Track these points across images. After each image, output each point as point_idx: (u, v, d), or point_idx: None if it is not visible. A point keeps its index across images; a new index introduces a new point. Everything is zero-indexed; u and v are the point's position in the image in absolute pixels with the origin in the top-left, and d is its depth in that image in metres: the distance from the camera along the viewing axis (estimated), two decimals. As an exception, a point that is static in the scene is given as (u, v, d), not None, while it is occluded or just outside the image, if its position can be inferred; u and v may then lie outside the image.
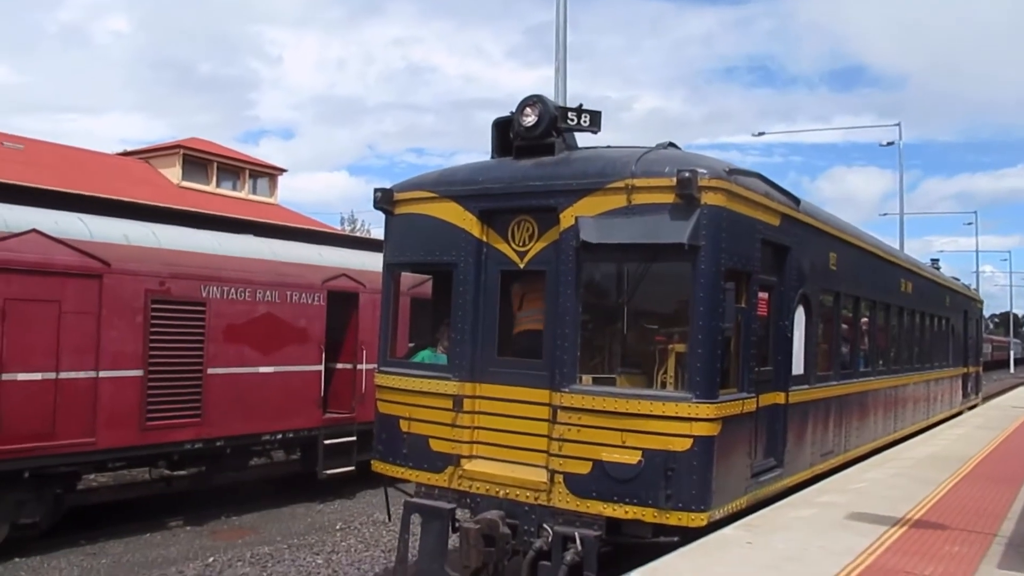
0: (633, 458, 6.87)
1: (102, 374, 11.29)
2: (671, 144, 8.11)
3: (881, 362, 13.24)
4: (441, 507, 7.93)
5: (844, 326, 11.45)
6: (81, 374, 11.09)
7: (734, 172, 7.34)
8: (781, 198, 8.40)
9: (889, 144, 38.20)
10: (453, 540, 8.01)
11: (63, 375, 10.87)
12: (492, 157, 8.47)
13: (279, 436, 13.96)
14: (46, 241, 10.87)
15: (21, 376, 10.45)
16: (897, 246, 29.78)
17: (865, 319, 12.46)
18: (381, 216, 8.89)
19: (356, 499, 15.28)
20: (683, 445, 6.77)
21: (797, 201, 8.87)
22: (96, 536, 12.11)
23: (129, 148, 33.93)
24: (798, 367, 9.05)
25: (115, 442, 11.51)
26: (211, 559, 11.07)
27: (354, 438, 14.79)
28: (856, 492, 9.19)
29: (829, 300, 10.46)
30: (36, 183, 17.79)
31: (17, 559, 10.92)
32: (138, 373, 11.74)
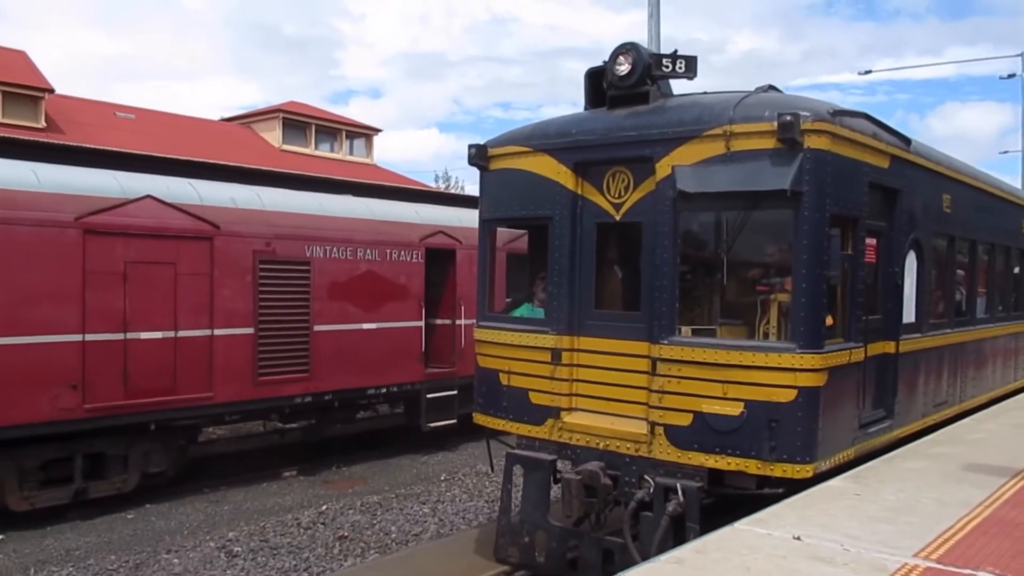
0: (735, 409, 6.79)
1: (216, 332, 11.87)
2: (771, 87, 7.82)
3: (1001, 308, 12.58)
4: (542, 458, 8.05)
5: (960, 271, 10.92)
6: (198, 332, 11.68)
7: (839, 113, 7.03)
8: (890, 139, 8.01)
9: (1011, 76, 35.66)
10: (555, 490, 8.14)
11: (181, 333, 11.48)
12: (585, 108, 8.36)
13: (383, 390, 14.40)
14: (160, 206, 11.41)
15: (144, 335, 11.08)
16: (1020, 185, 28.05)
17: (983, 263, 11.84)
18: (474, 173, 8.91)
19: (458, 451, 15.67)
20: (787, 396, 6.64)
21: (908, 141, 8.45)
22: (218, 485, 12.86)
23: (225, 113, 35.18)
24: (909, 315, 8.70)
25: (230, 396, 12.13)
26: (324, 507, 11.59)
27: (455, 392, 15.14)
28: (972, 443, 8.82)
29: (943, 244, 9.99)
30: (148, 151, 18.70)
31: (148, 505, 11.73)
32: (249, 331, 12.29)
